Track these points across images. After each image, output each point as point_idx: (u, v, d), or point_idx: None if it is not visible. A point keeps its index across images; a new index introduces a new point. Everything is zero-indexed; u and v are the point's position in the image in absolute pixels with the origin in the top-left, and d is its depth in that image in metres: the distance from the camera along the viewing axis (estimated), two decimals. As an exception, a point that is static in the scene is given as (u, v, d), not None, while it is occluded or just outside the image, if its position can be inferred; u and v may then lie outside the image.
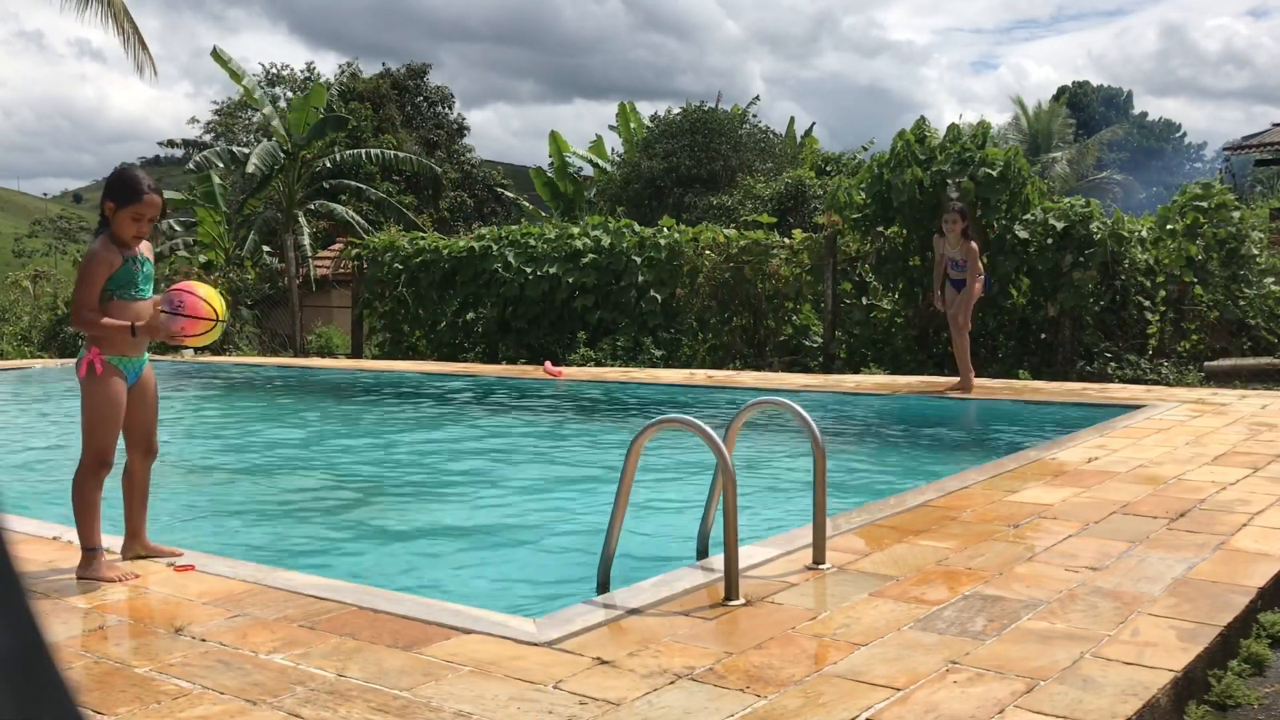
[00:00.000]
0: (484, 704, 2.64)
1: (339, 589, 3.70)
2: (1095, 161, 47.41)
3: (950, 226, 9.86)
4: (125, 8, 16.95)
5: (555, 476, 7.19)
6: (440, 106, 39.31)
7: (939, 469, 6.53)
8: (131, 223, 3.91)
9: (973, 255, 9.80)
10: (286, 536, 5.47)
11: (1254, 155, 20.46)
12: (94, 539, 3.90)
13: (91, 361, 3.89)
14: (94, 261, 3.88)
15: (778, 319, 14.35)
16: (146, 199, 3.92)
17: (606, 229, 15.77)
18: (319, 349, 19.30)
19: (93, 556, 3.87)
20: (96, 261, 3.88)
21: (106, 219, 3.94)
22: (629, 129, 29.77)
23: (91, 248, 3.93)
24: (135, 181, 3.95)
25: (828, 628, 3.20)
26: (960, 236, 9.79)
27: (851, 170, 24.04)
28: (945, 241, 9.94)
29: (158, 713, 2.63)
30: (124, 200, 3.90)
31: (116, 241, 3.92)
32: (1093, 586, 3.58)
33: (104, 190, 3.96)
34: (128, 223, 3.91)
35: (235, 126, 37.76)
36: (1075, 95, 64.16)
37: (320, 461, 8.00)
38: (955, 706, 2.57)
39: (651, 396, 11.13)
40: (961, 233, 9.78)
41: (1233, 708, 2.87)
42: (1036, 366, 12.17)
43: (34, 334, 19.91)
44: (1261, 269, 12.52)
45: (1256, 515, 4.63)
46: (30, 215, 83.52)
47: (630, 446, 3.73)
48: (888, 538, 4.31)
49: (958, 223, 9.80)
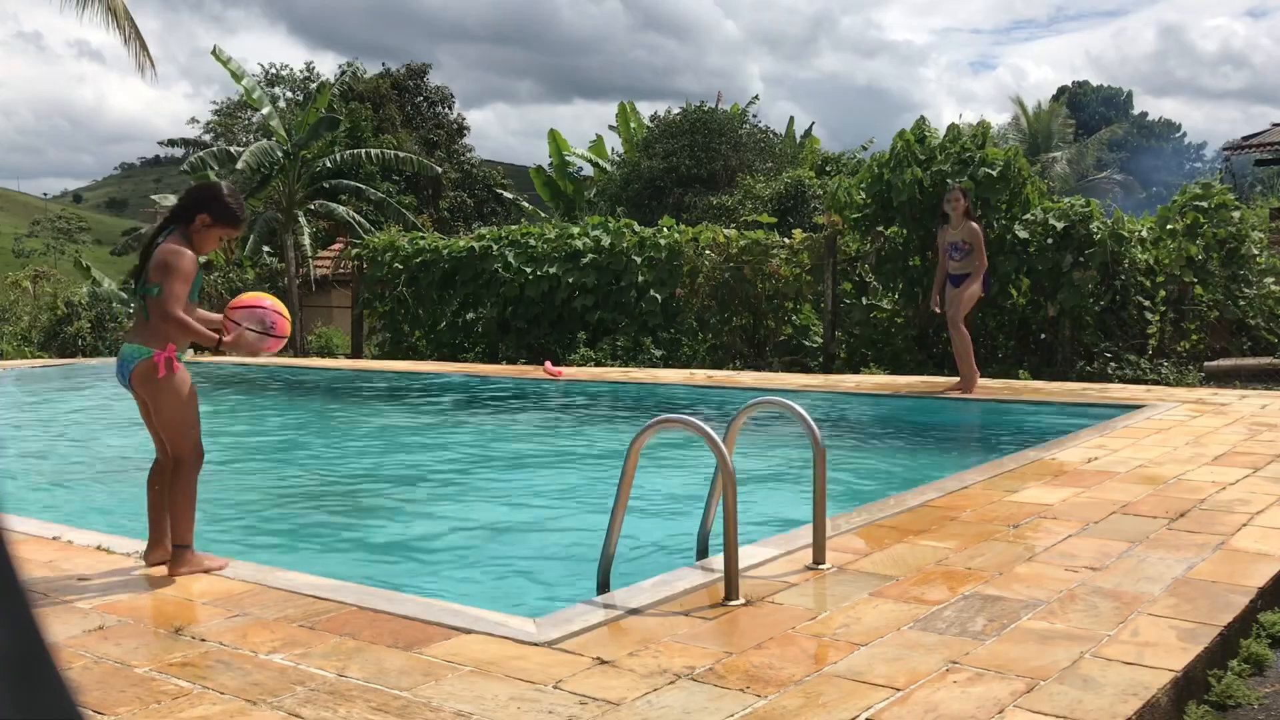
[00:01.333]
0: (484, 704, 2.64)
1: (339, 589, 3.70)
2: (1095, 161, 47.43)
3: (953, 205, 9.80)
4: (126, 7, 16.95)
5: (555, 476, 7.19)
6: (440, 106, 39.32)
7: (939, 469, 6.53)
8: (216, 241, 4.02)
9: (976, 237, 9.70)
10: (286, 536, 5.47)
11: (1254, 155, 20.46)
12: (191, 534, 3.93)
13: (169, 359, 3.85)
14: (189, 261, 3.86)
15: (778, 319, 14.36)
16: (240, 227, 4.07)
17: (606, 229, 15.77)
18: (319, 349, 19.31)
19: (187, 552, 3.89)
20: (191, 262, 3.87)
21: (186, 224, 3.92)
22: (629, 129, 29.78)
23: (181, 248, 3.87)
24: (239, 208, 4.03)
25: (828, 628, 3.20)
26: (963, 216, 9.75)
27: (851, 170, 24.04)
28: (948, 228, 9.87)
29: (158, 713, 2.63)
30: (223, 220, 3.95)
31: (193, 249, 3.94)
32: (1093, 586, 3.58)
33: (202, 201, 3.95)
34: (214, 240, 3.99)
35: (235, 127, 37.75)
36: (1075, 95, 64.20)
37: (320, 461, 7.99)
38: (955, 706, 2.57)
39: (651, 396, 11.13)
40: (964, 212, 9.75)
41: (1233, 708, 2.87)
42: (1036, 366, 12.17)
43: (34, 334, 19.91)
44: (1261, 269, 12.52)
45: (1256, 515, 4.63)
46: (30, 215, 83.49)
47: (630, 446, 3.73)
48: (888, 538, 4.31)
49: (960, 200, 9.77)
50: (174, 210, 4.02)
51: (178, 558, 3.89)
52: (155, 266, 3.85)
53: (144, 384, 3.87)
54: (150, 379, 3.85)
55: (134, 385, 3.90)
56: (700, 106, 28.68)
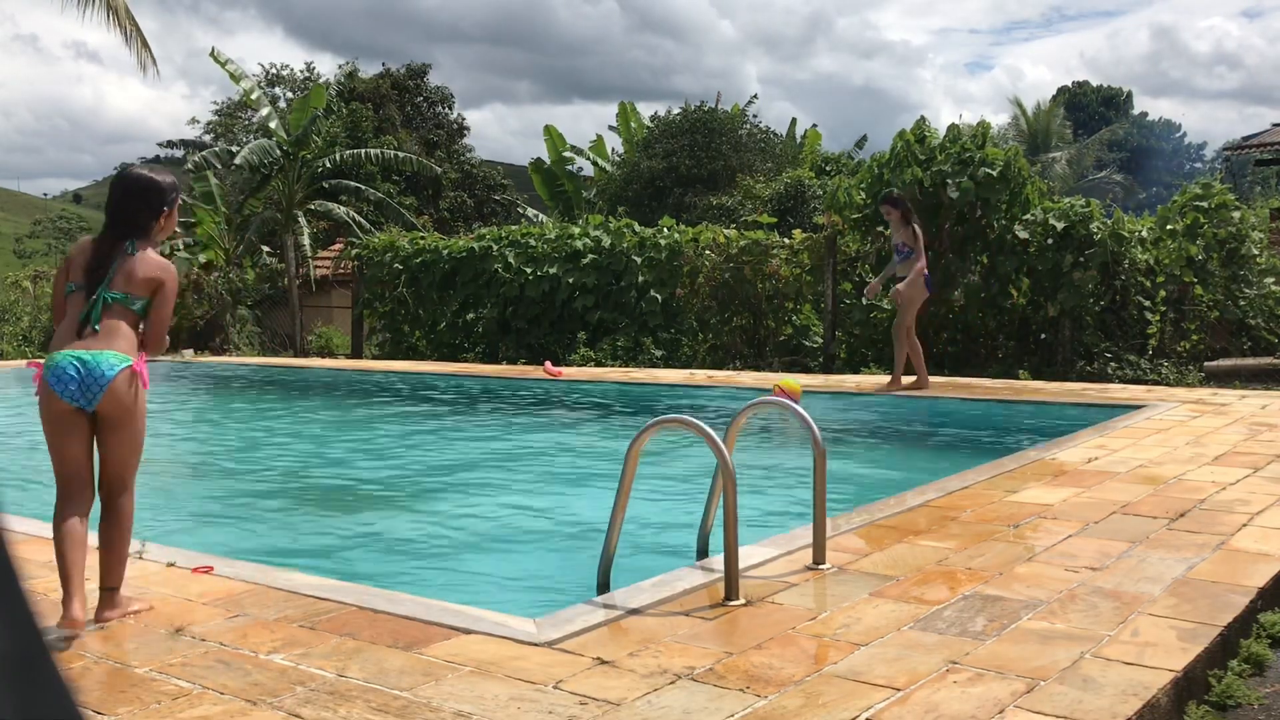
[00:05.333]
0: (484, 704, 2.64)
1: (339, 589, 3.70)
2: (1095, 161, 47.42)
3: (887, 215, 10.18)
4: (126, 6, 16.95)
5: (555, 476, 7.19)
6: (440, 107, 39.30)
7: (939, 469, 6.53)
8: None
9: (915, 240, 9.89)
10: (286, 536, 5.47)
11: (1254, 155, 20.44)
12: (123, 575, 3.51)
13: (144, 372, 3.49)
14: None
15: (778, 319, 14.35)
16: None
17: (606, 229, 15.78)
18: (319, 349, 19.30)
19: (117, 593, 3.46)
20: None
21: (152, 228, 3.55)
22: (629, 129, 29.76)
23: (173, 271, 3.56)
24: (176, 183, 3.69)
25: (828, 628, 3.20)
26: (901, 223, 9.95)
27: (851, 170, 24.04)
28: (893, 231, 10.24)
29: (158, 713, 2.63)
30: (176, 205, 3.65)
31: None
32: (1093, 586, 3.58)
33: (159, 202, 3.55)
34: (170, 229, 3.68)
35: (235, 127, 37.74)
36: (1075, 95, 64.15)
37: (320, 462, 7.99)
38: (955, 706, 2.57)
39: (651, 396, 11.13)
40: (901, 219, 9.93)
41: (1233, 708, 2.87)
42: (1036, 366, 12.16)
43: (34, 334, 19.90)
44: (1261, 269, 12.52)
45: (1256, 515, 4.63)
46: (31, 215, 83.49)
47: (630, 447, 3.73)
48: (888, 538, 4.31)
49: (891, 210, 10.05)
50: (134, 219, 3.52)
51: (111, 600, 3.42)
52: (144, 280, 3.46)
53: (121, 398, 3.39)
54: (131, 391, 3.41)
55: (105, 398, 3.37)
56: (700, 107, 28.67)
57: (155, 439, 8.93)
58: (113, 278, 3.45)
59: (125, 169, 3.69)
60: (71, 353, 3.39)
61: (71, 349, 3.40)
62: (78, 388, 3.36)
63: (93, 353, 3.38)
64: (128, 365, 3.40)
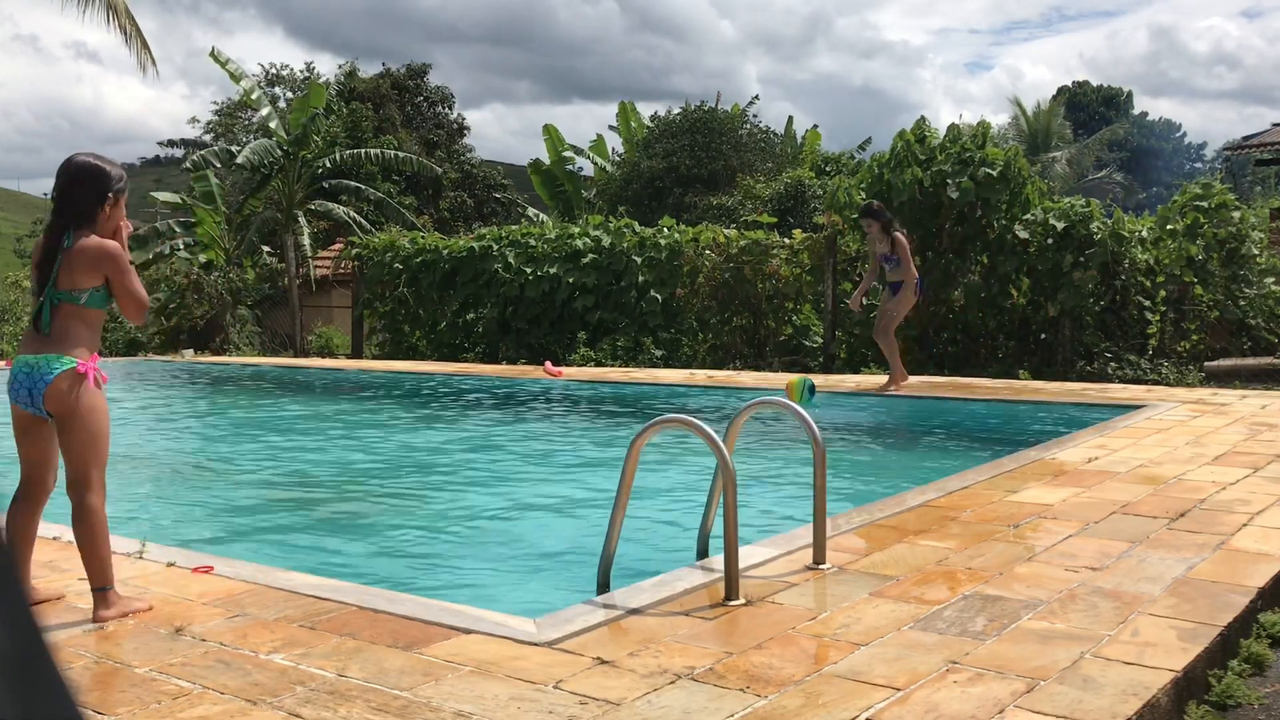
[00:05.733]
0: (484, 704, 2.64)
1: (339, 589, 3.70)
2: (1095, 161, 47.42)
3: (867, 228, 10.22)
4: (126, 6, 16.95)
5: (555, 477, 7.19)
6: (440, 106, 39.30)
7: (939, 469, 6.53)
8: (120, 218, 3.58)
9: (903, 248, 9.91)
10: (286, 536, 5.47)
11: (1254, 155, 20.44)
12: (112, 574, 3.46)
13: (94, 372, 3.43)
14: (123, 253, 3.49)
15: (778, 319, 14.36)
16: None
17: (606, 229, 15.78)
18: (319, 349, 19.30)
19: (111, 593, 3.43)
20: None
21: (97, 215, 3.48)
22: (629, 129, 29.76)
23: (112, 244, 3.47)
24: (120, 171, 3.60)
25: (828, 628, 3.20)
26: (881, 234, 9.97)
27: (851, 170, 24.05)
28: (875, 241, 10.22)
29: (158, 713, 2.63)
30: (124, 191, 3.56)
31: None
32: (1093, 586, 3.58)
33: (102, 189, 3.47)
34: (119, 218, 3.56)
35: (235, 127, 37.74)
36: (1075, 95, 64.13)
37: (320, 462, 7.99)
38: (955, 706, 2.57)
39: (651, 396, 11.13)
40: (882, 229, 9.95)
41: (1233, 708, 2.87)
42: (1037, 366, 12.17)
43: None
44: (1261, 269, 12.53)
45: (1256, 515, 4.63)
46: (31, 215, 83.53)
47: (630, 447, 3.73)
48: (888, 538, 4.31)
49: (871, 224, 10.09)
50: (77, 205, 3.47)
51: (104, 600, 3.40)
52: (85, 271, 3.41)
53: (63, 399, 3.36)
54: (73, 393, 3.36)
55: (47, 402, 3.37)
56: (700, 107, 28.68)
57: (155, 439, 8.94)
58: (57, 275, 3.43)
59: (71, 157, 3.59)
60: (22, 358, 3.44)
61: (23, 354, 3.45)
62: (26, 394, 3.40)
63: (39, 357, 3.40)
64: (69, 368, 3.38)
